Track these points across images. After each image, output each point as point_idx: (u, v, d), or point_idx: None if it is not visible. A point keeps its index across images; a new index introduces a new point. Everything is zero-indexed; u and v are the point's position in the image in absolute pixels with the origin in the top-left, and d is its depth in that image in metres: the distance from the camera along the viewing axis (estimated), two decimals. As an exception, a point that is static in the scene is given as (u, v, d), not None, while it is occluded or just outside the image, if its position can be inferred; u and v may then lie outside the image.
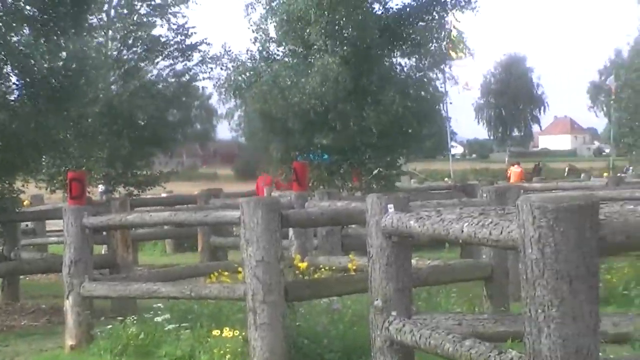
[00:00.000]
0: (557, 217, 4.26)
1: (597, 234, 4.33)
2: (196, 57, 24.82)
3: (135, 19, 23.91)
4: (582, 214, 4.29)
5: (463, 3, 22.16)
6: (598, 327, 4.36)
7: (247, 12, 22.58)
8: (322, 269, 11.15)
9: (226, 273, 10.26)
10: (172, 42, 24.56)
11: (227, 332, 8.57)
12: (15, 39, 13.89)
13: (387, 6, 22.22)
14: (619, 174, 35.89)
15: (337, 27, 21.06)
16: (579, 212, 4.28)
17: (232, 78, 22.25)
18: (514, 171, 40.93)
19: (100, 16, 23.28)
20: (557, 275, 4.26)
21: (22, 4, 14.01)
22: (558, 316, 4.27)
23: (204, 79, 24.98)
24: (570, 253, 4.25)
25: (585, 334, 4.29)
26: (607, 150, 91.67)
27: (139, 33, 24.02)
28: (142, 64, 24.40)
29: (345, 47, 21.21)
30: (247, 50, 22.64)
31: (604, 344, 6.15)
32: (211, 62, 24.46)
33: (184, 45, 24.62)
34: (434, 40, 22.15)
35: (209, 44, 24.75)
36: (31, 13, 14.13)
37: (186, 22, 24.64)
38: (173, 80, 24.89)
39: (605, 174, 39.95)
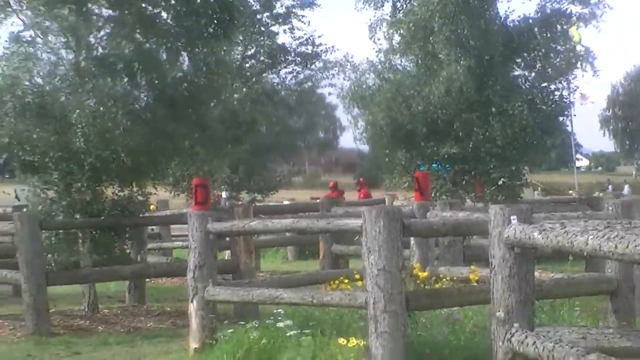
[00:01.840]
0: (687, 231, 4.18)
1: None
2: (318, 64, 25.02)
3: (257, 27, 24.19)
4: None
5: (588, 16, 21.80)
6: None
7: (372, 32, 22.70)
8: (443, 279, 11.10)
9: (347, 281, 10.30)
10: (295, 50, 24.79)
11: (347, 342, 8.60)
12: (147, 47, 14.26)
13: (508, 20, 22.01)
14: None
15: (460, 37, 20.98)
16: None
17: (354, 87, 22.37)
18: None
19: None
20: (686, 291, 4.19)
21: (156, 14, 14.33)
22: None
23: (325, 85, 25.16)
24: (699, 268, 4.17)
25: None
26: None
27: (262, 41, 24.32)
28: (266, 72, 24.70)
29: (468, 58, 21.12)
30: (368, 60, 22.75)
31: None
32: (332, 68, 24.64)
33: (306, 53, 24.82)
34: (558, 54, 21.84)
35: (333, 51, 24.91)
36: (164, 22, 14.45)
37: (310, 32, 24.82)
38: (295, 87, 25.11)
39: None
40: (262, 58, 24.49)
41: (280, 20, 24.47)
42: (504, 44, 21.18)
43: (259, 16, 24.36)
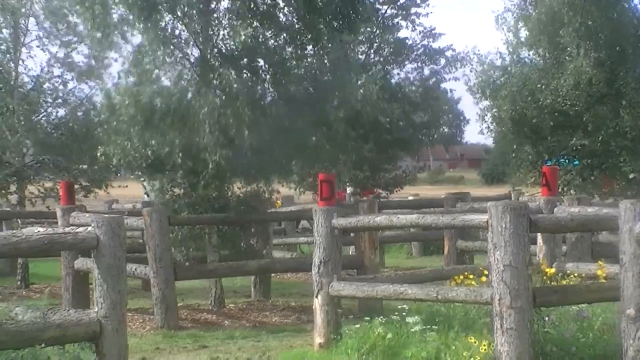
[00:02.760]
0: None
1: None
2: (442, 59, 24.91)
3: (380, 21, 24.17)
4: None
5: None
6: None
7: (499, 23, 22.51)
8: (571, 276, 10.91)
9: (472, 276, 10.20)
10: (419, 46, 24.71)
11: (473, 339, 8.53)
12: (271, 42, 14.37)
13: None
14: None
15: (590, 29, 20.61)
16: None
17: (483, 78, 22.21)
18: None
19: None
20: None
21: (278, 12, 14.43)
22: None
23: (449, 79, 25.03)
24: None
25: None
26: None
27: (386, 36, 24.29)
28: (389, 67, 24.66)
29: (598, 50, 20.73)
30: (497, 51, 22.56)
31: None
32: (457, 62, 24.49)
33: (430, 49, 24.72)
34: None
35: (454, 50, 24.78)
36: (287, 20, 14.54)
37: (432, 27, 24.71)
38: (419, 83, 25.02)
39: None
40: (385, 54, 24.47)
41: (403, 13, 24.39)
42: (636, 35, 20.75)
43: (382, 10, 24.35)
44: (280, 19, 14.44)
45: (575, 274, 10.99)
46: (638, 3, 21.42)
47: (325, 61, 14.53)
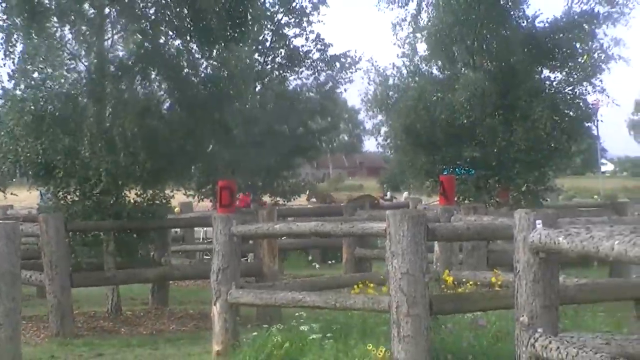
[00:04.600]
0: None
1: None
2: (338, 64, 25.07)
3: (275, 28, 24.26)
4: None
5: (616, 16, 21.67)
6: None
7: (395, 30, 22.68)
8: (467, 284, 11.07)
9: (371, 285, 10.28)
10: (313, 52, 24.86)
11: (371, 346, 8.58)
12: (165, 49, 14.32)
13: (535, 21, 21.94)
14: None
15: (483, 43, 20.99)
16: None
17: (378, 93, 22.36)
18: None
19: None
20: None
21: (170, 15, 14.37)
22: None
23: (345, 82, 25.20)
24: None
25: None
26: None
27: (281, 42, 24.40)
28: (285, 74, 24.76)
29: (491, 63, 21.12)
30: (393, 65, 22.72)
31: None
32: (351, 67, 24.70)
33: (326, 56, 24.88)
34: (585, 53, 21.73)
35: (349, 56, 24.98)
36: (181, 23, 14.48)
37: (320, 35, 24.90)
38: (315, 89, 25.15)
39: None
40: (280, 60, 24.55)
41: (297, 20, 24.53)
42: (529, 48, 21.14)
43: (277, 18, 24.44)
44: (172, 25, 14.39)
45: (471, 282, 11.16)
46: (530, 18, 21.57)
47: (223, 69, 14.53)
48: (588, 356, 5.55)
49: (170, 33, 14.41)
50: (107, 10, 14.31)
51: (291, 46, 24.66)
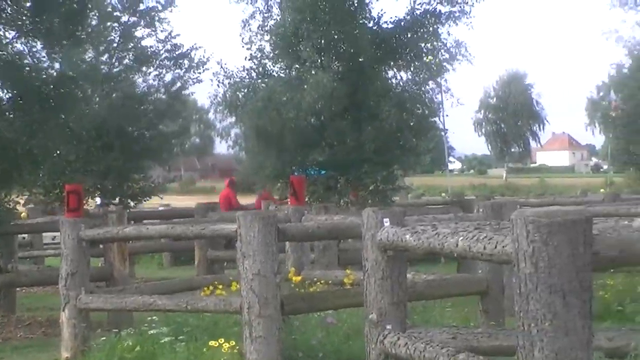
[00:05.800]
0: (551, 231, 4.28)
1: (590, 249, 4.35)
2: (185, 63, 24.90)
3: (120, 29, 23.97)
4: (576, 229, 4.30)
5: (457, 14, 22.19)
6: (591, 342, 4.38)
7: (243, 28, 22.64)
8: (318, 283, 11.16)
9: (221, 286, 10.27)
10: (161, 52, 24.63)
11: (223, 345, 8.56)
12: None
13: (380, 21, 22.26)
14: None
15: (331, 42, 21.15)
16: (573, 227, 4.30)
17: (228, 96, 22.29)
18: None
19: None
20: (551, 290, 4.28)
21: (11, 12, 14.00)
22: (551, 330, 4.28)
23: (194, 82, 25.03)
24: (563, 267, 4.26)
25: (578, 347, 4.30)
26: (605, 167, 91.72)
27: (128, 43, 24.09)
28: (132, 75, 24.46)
29: (339, 63, 21.31)
30: (243, 68, 22.68)
31: (601, 359, 6.18)
32: (200, 67, 24.57)
33: (174, 54, 24.69)
34: (429, 52, 22.17)
35: (198, 48, 24.83)
36: (22, 23, 14.12)
37: (172, 31, 24.70)
38: (164, 90, 24.92)
39: (602, 190, 40.00)
40: (127, 62, 24.25)
41: (146, 21, 24.26)
42: (375, 47, 21.39)
43: (123, 19, 24.12)
44: (13, 23, 14.02)
45: (323, 281, 11.25)
46: (376, 18, 21.89)
47: (67, 70, 14.24)
48: (435, 351, 5.65)
49: (12, 32, 14.00)
50: None
51: (138, 46, 24.37)
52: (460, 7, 22.05)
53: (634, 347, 6.46)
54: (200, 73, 24.61)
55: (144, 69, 24.48)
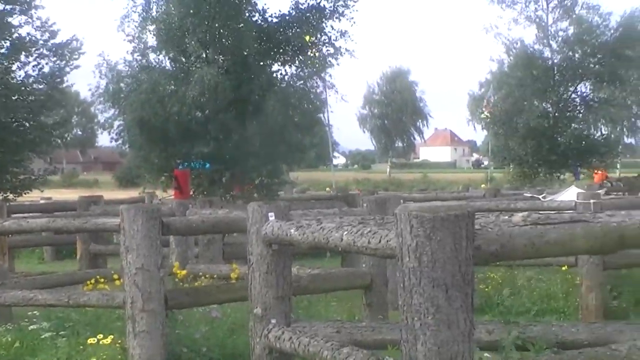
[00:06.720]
0: (434, 226, 4.33)
1: (472, 243, 4.42)
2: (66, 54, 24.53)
3: None
4: (458, 224, 4.37)
5: (341, 10, 22.36)
6: (472, 334, 4.45)
7: (123, 22, 22.39)
8: (203, 277, 11.11)
9: (103, 280, 10.14)
10: (39, 41, 24.19)
11: (104, 340, 8.45)
12: None
13: (266, 15, 22.29)
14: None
15: (216, 36, 21.07)
16: (455, 221, 4.36)
17: (111, 87, 22.01)
18: (598, 175, 42.94)
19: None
20: (434, 284, 4.33)
21: None
22: (434, 323, 4.34)
23: (72, 69, 24.65)
24: (446, 262, 4.32)
25: (459, 340, 4.37)
26: (486, 163, 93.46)
27: (3, 32, 23.63)
28: (8, 64, 23.97)
29: (224, 57, 21.25)
30: (125, 60, 22.42)
31: (479, 351, 6.28)
32: (77, 53, 24.22)
33: (53, 44, 24.28)
34: (313, 46, 22.29)
35: (77, 40, 24.48)
36: None
37: (48, 19, 24.31)
38: (42, 80, 24.49)
39: (483, 186, 40.76)
40: (4, 51, 23.76)
41: (22, 9, 23.83)
42: (260, 42, 21.41)
43: None
44: None
45: (207, 275, 11.20)
46: (261, 12, 21.91)
47: None
48: (319, 344, 5.67)
49: None
50: None
51: (15, 35, 23.88)
52: (343, 1, 22.23)
53: (509, 340, 6.59)
54: (76, 59, 24.24)
55: (22, 58, 24.00)
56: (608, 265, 11.64)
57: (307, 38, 22.01)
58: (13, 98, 23.14)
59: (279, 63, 22.66)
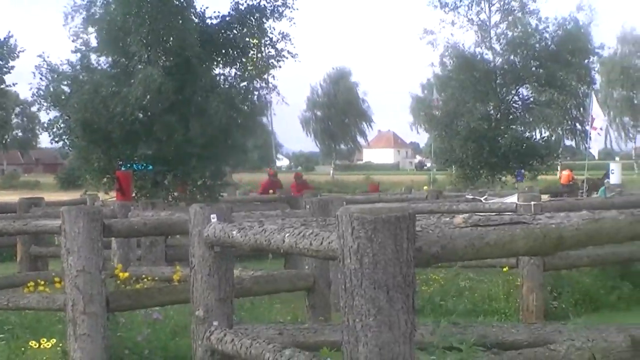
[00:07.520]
0: (375, 228, 4.35)
1: (413, 245, 4.46)
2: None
3: None
4: (400, 226, 4.39)
5: (281, 10, 22.38)
6: (414, 336, 4.48)
7: (66, 21, 22.20)
8: (145, 279, 11.06)
9: (43, 282, 10.05)
10: None
11: (45, 343, 8.38)
12: None
13: (205, 17, 22.25)
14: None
15: (158, 37, 20.98)
16: (397, 223, 4.39)
17: (52, 88, 21.82)
18: (564, 174, 43.16)
19: None
20: (375, 285, 4.36)
21: None
22: (375, 325, 4.36)
23: (8, 70, 24.44)
24: (387, 263, 4.35)
25: (400, 342, 4.40)
26: (429, 165, 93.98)
27: None
28: None
29: (167, 58, 21.17)
30: (67, 61, 22.24)
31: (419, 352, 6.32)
32: (13, 56, 24.04)
33: None
34: (254, 46, 22.30)
35: (11, 36, 24.30)
36: None
37: None
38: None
39: (425, 187, 40.98)
40: None
41: None
42: (201, 43, 21.36)
43: None
44: None
45: (150, 278, 11.15)
46: (200, 12, 21.87)
47: None
48: (261, 346, 5.68)
49: None
50: None
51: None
52: (283, 1, 22.26)
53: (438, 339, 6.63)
54: (13, 59, 24.05)
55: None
56: (548, 267, 11.80)
57: (255, 41, 22.01)
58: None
59: (221, 65, 22.62)
